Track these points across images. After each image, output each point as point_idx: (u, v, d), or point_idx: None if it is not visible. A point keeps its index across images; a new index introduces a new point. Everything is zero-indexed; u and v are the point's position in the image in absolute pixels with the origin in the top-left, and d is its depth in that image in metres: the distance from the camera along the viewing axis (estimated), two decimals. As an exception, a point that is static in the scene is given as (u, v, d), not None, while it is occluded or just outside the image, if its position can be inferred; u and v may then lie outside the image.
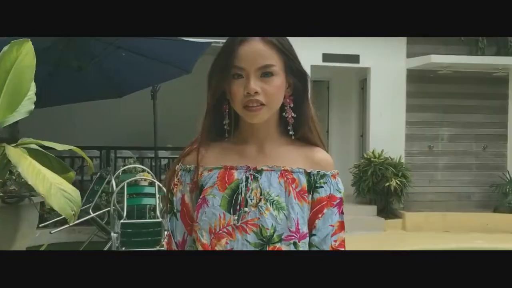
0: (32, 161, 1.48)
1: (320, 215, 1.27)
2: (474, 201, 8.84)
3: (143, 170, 6.09)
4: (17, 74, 1.58)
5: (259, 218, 1.21)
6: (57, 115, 7.71)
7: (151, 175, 5.75)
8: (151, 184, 5.39)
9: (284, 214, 1.22)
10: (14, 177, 1.88)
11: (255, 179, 1.25)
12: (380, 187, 8.12)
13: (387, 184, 8.00)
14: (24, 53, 1.64)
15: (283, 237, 1.21)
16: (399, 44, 8.66)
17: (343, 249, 1.28)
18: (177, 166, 1.34)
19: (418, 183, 8.55)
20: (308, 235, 1.25)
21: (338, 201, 1.29)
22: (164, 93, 7.28)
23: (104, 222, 5.55)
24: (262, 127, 1.27)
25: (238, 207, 1.23)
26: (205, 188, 1.26)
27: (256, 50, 1.21)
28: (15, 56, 1.56)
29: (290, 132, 1.29)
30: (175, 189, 1.32)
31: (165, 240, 1.38)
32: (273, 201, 1.23)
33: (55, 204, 1.49)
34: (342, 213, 1.30)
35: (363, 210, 8.29)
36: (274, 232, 1.20)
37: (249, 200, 1.23)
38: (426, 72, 8.61)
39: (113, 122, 8.41)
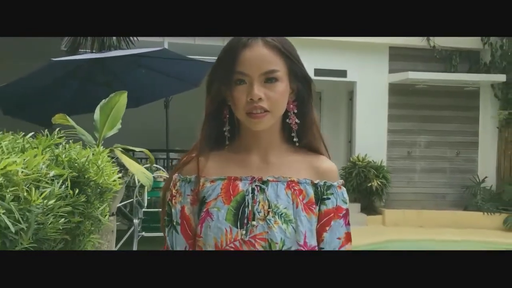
0: (126, 157, 2.54)
1: (327, 228, 1.21)
2: (448, 200, 9.82)
3: (158, 169, 7.16)
4: (116, 109, 2.65)
5: (267, 232, 1.15)
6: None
7: (165, 172, 6.84)
8: (165, 180, 6.47)
9: (293, 227, 1.16)
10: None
11: (262, 190, 1.18)
12: (363, 187, 9.16)
13: (369, 184, 9.06)
14: (122, 98, 2.72)
15: None
16: (382, 60, 9.70)
17: None
18: (175, 176, 1.26)
19: (398, 184, 9.60)
20: (316, 248, 1.20)
21: (344, 212, 1.24)
22: (175, 103, 8.40)
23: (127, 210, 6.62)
24: (265, 134, 1.21)
25: (245, 221, 1.16)
26: (208, 200, 1.19)
27: (260, 55, 1.15)
28: (117, 99, 2.64)
29: (295, 139, 1.24)
30: (173, 201, 1.24)
31: None
32: (281, 214, 1.16)
33: (141, 179, 2.57)
34: (348, 224, 1.26)
35: (349, 207, 9.32)
36: (282, 246, 1.15)
37: (256, 213, 1.16)
38: (406, 86, 9.60)
39: (131, 128, 9.44)
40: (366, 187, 9.13)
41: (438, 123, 9.80)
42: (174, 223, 1.23)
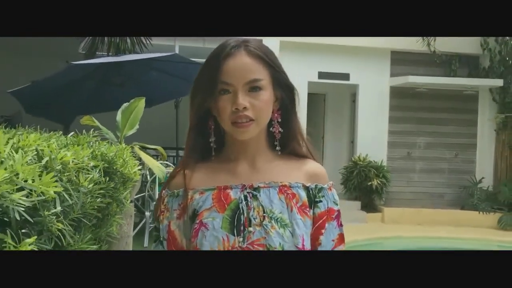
0: (144, 153, 2.99)
1: (323, 231, 1.22)
2: (446, 200, 10.16)
3: (168, 166, 7.61)
4: (136, 111, 3.10)
5: (265, 238, 1.15)
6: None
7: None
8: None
9: (290, 231, 1.16)
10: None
11: (254, 197, 1.18)
12: (363, 186, 9.54)
13: (370, 183, 9.44)
14: (140, 103, 3.17)
15: None
16: (384, 64, 10.08)
17: None
18: (163, 191, 1.26)
19: (398, 184, 9.98)
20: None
21: (336, 213, 1.25)
22: (185, 104, 8.85)
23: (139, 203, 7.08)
24: (251, 142, 1.22)
25: (241, 228, 1.16)
26: (200, 211, 1.18)
27: (243, 64, 1.16)
28: (136, 104, 3.09)
29: (277, 148, 1.25)
30: (161, 217, 1.25)
31: None
32: (277, 219, 1.17)
33: (156, 172, 3.03)
34: (341, 225, 1.26)
35: (350, 205, 9.59)
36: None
37: (252, 219, 1.16)
38: (406, 89, 9.96)
39: (144, 127, 9.91)
40: (367, 186, 9.50)
41: (437, 125, 10.16)
42: (161, 239, 1.25)
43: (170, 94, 8.09)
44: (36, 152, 1.51)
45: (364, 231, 8.57)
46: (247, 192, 1.20)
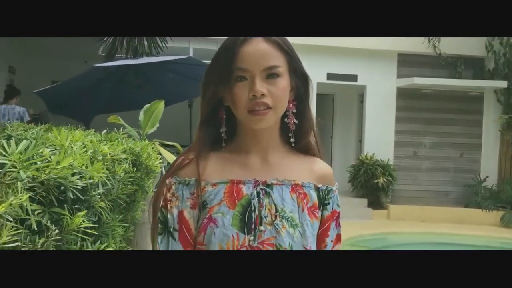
0: (163, 149, 3.37)
1: (328, 232, 1.23)
2: (450, 198, 10.43)
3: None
4: (156, 112, 3.48)
5: (275, 237, 1.12)
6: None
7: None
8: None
9: (299, 231, 1.15)
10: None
11: (267, 194, 1.15)
12: (370, 184, 9.84)
13: (376, 181, 9.76)
14: (160, 105, 3.55)
15: None
16: (390, 66, 10.38)
17: None
18: (169, 179, 1.19)
19: (404, 182, 10.27)
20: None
21: (337, 215, 1.25)
22: (198, 104, 9.23)
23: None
24: (264, 134, 1.19)
25: (252, 226, 1.12)
26: (210, 206, 1.14)
27: (260, 50, 1.12)
28: (156, 106, 3.48)
29: (291, 139, 1.21)
30: (168, 205, 1.16)
31: None
32: (288, 218, 1.14)
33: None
34: (339, 225, 1.26)
35: (357, 202, 9.95)
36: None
37: (263, 218, 1.13)
38: (412, 90, 10.26)
39: (160, 125, 10.32)
40: (373, 184, 9.81)
41: (442, 125, 10.43)
42: (171, 230, 1.17)
43: (185, 95, 8.47)
44: (83, 145, 1.90)
45: (369, 227, 8.88)
46: (260, 189, 1.16)
